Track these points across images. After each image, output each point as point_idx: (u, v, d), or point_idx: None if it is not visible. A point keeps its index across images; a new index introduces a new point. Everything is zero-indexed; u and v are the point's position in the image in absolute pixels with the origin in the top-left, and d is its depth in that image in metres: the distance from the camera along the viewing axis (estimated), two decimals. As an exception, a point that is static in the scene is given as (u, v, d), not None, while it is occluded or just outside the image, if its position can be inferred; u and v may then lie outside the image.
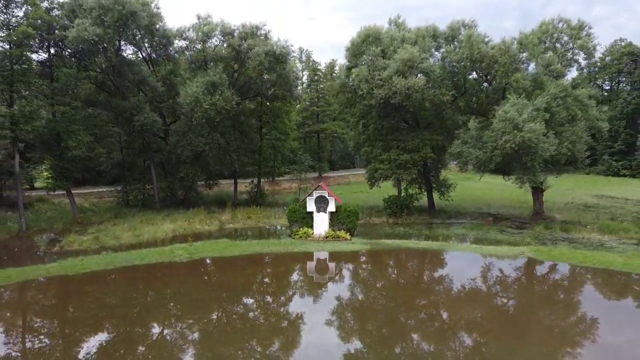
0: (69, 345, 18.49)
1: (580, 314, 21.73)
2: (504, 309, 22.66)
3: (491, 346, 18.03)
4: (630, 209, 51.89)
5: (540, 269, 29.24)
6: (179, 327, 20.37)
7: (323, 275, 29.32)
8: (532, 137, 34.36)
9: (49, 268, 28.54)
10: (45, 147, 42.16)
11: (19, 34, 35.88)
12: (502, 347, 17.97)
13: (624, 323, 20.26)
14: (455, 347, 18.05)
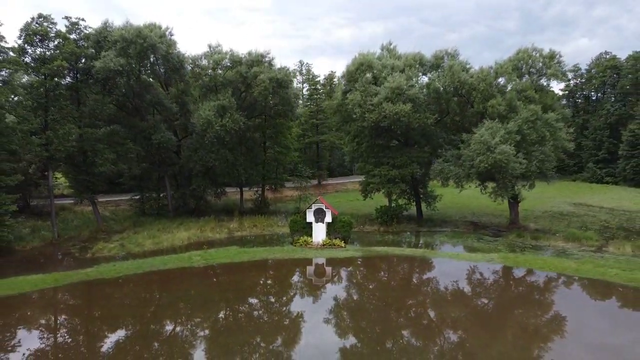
0: (123, 331, 23.64)
1: (529, 309, 26.85)
2: (473, 306, 27.74)
3: (462, 333, 23.17)
4: (601, 217, 56.94)
5: (504, 273, 34.33)
6: (200, 321, 25.54)
7: (321, 279, 34.46)
8: (502, 158, 39.48)
9: (88, 272, 33.68)
10: (72, 163, 47.26)
11: (54, 67, 40.98)
12: (470, 334, 23.12)
13: (561, 316, 25.43)
14: (431, 335, 23.20)
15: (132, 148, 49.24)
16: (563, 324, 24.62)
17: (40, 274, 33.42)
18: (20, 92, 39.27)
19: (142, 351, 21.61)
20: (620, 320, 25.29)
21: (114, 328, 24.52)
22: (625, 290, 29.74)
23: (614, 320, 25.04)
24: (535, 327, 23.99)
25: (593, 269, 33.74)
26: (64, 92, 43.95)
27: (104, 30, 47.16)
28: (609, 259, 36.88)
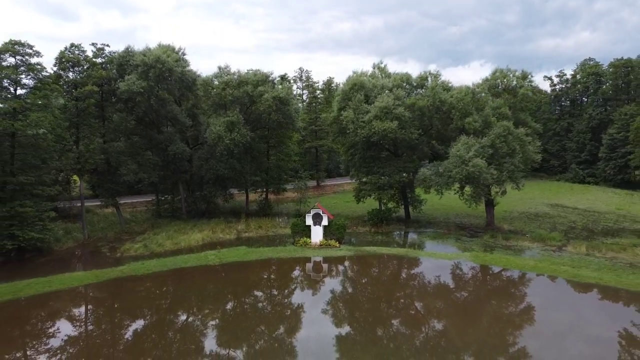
0: (157, 316, 30.02)
1: (486, 300, 33.22)
2: (443, 297, 34.08)
3: (433, 317, 29.54)
4: (571, 218, 63.22)
5: (472, 270, 40.63)
6: (216, 311, 31.94)
7: (318, 274, 40.87)
8: (475, 170, 45.70)
9: (122, 270, 40.01)
10: (99, 173, 53.53)
11: (86, 91, 47.16)
12: (439, 317, 29.49)
13: (512, 305, 31.85)
14: (407, 318, 29.56)
15: (151, 158, 55.41)
16: (513, 311, 31.02)
17: (81, 271, 39.81)
18: (57, 114, 45.33)
19: (172, 331, 27.99)
20: (558, 307, 31.63)
21: (150, 315, 30.91)
22: (568, 284, 36.06)
23: (553, 307, 31.42)
24: (491, 313, 30.36)
25: (547, 266, 40.11)
26: (92, 111, 50.10)
27: (127, 54, 53.32)
28: (564, 258, 43.26)
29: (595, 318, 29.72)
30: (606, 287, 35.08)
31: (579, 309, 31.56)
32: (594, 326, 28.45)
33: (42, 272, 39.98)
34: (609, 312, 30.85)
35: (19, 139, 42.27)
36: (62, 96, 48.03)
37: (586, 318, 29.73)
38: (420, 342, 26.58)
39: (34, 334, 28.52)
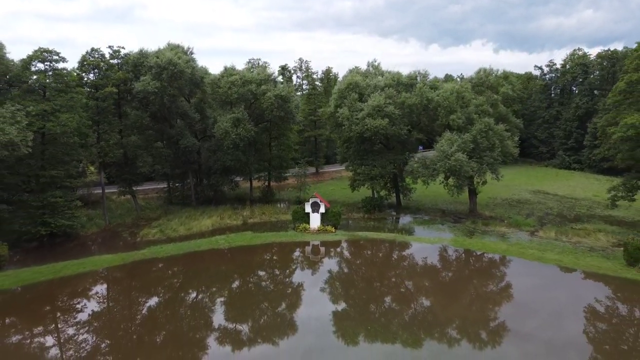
0: (176, 293, 35.76)
1: (460, 279, 38.94)
2: (425, 275, 39.77)
3: (415, 291, 35.26)
4: (550, 205, 68.79)
5: (452, 253, 46.25)
6: (226, 289, 37.67)
7: (316, 256, 46.51)
8: (457, 164, 51.03)
9: (144, 253, 45.61)
10: (118, 165, 58.86)
11: (107, 93, 52.20)
12: (420, 292, 35.22)
13: (483, 283, 37.58)
14: (393, 292, 35.28)
15: (163, 151, 60.68)
16: (482, 288, 36.77)
17: (109, 254, 45.42)
18: (81, 113, 50.40)
19: (191, 304, 33.75)
20: (518, 284, 37.33)
21: (171, 291, 36.67)
22: (532, 265, 41.72)
23: (515, 285, 37.15)
24: (465, 289, 36.11)
25: (517, 250, 45.75)
26: (111, 109, 55.21)
27: (141, 56, 58.15)
28: (533, 242, 48.90)
29: (548, 293, 35.41)
30: (564, 267, 40.78)
31: (536, 285, 37.25)
32: (546, 299, 34.13)
33: (72, 255, 45.61)
34: (562, 289, 36.56)
35: (49, 137, 47.41)
36: (85, 97, 52.93)
37: (540, 293, 35.44)
38: (403, 313, 32.33)
39: (78, 306, 34.29)
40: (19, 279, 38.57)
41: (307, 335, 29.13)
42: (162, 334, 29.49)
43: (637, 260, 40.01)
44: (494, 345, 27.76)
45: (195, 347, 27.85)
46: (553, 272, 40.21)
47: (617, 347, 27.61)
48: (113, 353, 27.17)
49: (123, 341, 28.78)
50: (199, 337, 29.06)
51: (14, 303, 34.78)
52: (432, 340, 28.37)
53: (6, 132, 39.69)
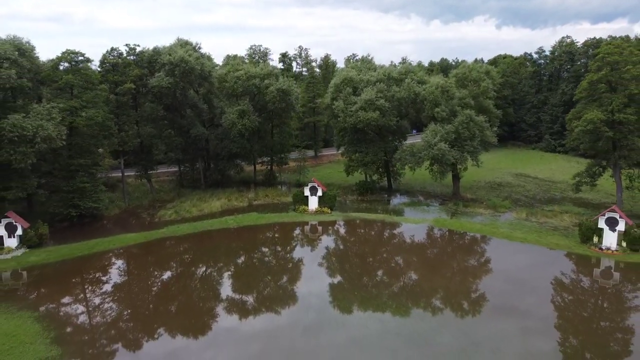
0: (193, 268, 42.53)
1: (442, 255, 45.69)
2: (409, 252, 46.48)
3: (399, 264, 42.03)
4: (528, 188, 75.27)
5: (434, 232, 52.88)
6: (235, 263, 44.46)
7: (314, 234, 53.16)
8: (439, 153, 57.31)
9: (163, 232, 52.25)
10: (135, 153, 65.14)
11: (125, 89, 58.16)
12: (404, 265, 41.99)
13: (457, 257, 44.37)
14: (380, 265, 42.05)
15: (175, 139, 66.91)
16: (455, 260, 43.58)
17: (133, 233, 52.01)
18: (103, 108, 56.34)
19: (207, 275, 40.55)
20: (486, 257, 44.09)
21: (189, 264, 43.45)
22: (499, 242, 48.40)
23: (483, 258, 43.93)
24: (441, 262, 42.92)
25: (490, 229, 52.38)
26: (129, 103, 61.25)
27: (155, 54, 63.93)
28: (505, 222, 55.50)
29: (508, 266, 42.17)
30: (527, 244, 47.45)
31: (499, 259, 44.03)
32: (506, 271, 40.91)
33: (98, 234, 52.23)
34: (523, 262, 43.30)
35: (77, 129, 53.52)
36: (107, 93, 58.85)
37: (501, 265, 42.23)
38: (390, 282, 39.13)
39: (111, 277, 41.12)
40: (60, 254, 45.28)
41: (306, 304, 35.75)
42: (183, 299, 36.38)
43: (589, 238, 46.66)
44: (461, 306, 34.60)
45: (220, 306, 34.73)
46: (516, 248, 46.90)
47: (559, 303, 34.43)
48: (148, 313, 34.07)
49: (152, 304, 35.66)
50: (217, 302, 35.94)
51: (59, 273, 41.50)
52: (415, 304, 35.21)
53: (45, 128, 45.88)
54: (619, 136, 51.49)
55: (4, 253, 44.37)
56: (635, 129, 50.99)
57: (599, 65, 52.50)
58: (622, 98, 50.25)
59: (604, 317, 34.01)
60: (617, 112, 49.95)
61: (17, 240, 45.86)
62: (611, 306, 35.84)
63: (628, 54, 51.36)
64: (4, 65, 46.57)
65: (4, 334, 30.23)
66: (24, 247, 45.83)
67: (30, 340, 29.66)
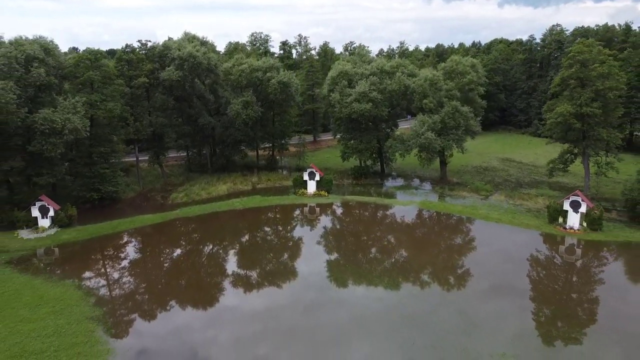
0: (206, 245, 48.70)
1: (428, 233, 51.84)
2: (397, 231, 52.60)
3: (389, 241, 48.21)
4: (511, 172, 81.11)
5: (420, 213, 58.94)
6: (241, 241, 50.63)
7: (313, 215, 59.23)
8: (426, 141, 63.02)
9: (177, 213, 58.29)
10: (148, 141, 70.83)
11: (140, 83, 63.56)
12: (392, 242, 48.18)
13: (442, 235, 50.55)
14: (373, 243, 48.20)
15: (184, 128, 72.56)
16: (436, 237, 49.77)
17: (150, 214, 58.04)
18: (120, 100, 61.80)
19: (216, 250, 46.78)
20: (464, 235, 50.21)
21: (203, 241, 49.61)
22: (477, 222, 54.50)
23: (461, 235, 50.06)
24: (425, 239, 49.09)
25: (470, 211, 58.40)
26: (142, 95, 66.74)
27: (165, 48, 69.18)
28: (485, 204, 61.50)
29: (483, 243, 48.33)
30: (501, 224, 53.54)
31: (474, 236, 50.23)
32: (482, 247, 47.10)
33: (117, 215, 58.19)
34: (496, 240, 49.45)
35: (97, 121, 59.07)
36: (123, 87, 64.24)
37: (477, 243, 48.41)
38: (382, 257, 45.34)
39: (135, 253, 47.31)
40: (88, 232, 51.38)
41: (306, 278, 41.95)
42: (199, 271, 42.65)
43: (555, 218, 52.72)
44: (443, 278, 40.84)
45: (233, 271, 41.00)
46: (491, 227, 53.02)
47: (528, 274, 40.65)
48: (171, 282, 40.37)
49: (173, 274, 41.95)
50: (232, 267, 42.21)
51: (90, 249, 47.66)
52: (403, 277, 41.44)
53: (71, 121, 51.55)
54: (587, 127, 57.11)
55: (39, 232, 50.44)
56: (601, 121, 56.59)
57: (570, 62, 57.79)
58: (589, 93, 55.67)
59: (568, 286, 40.41)
60: (585, 105, 55.43)
61: (50, 221, 51.84)
62: (573, 277, 42.26)
63: (596, 52, 56.62)
64: (33, 65, 52.01)
65: (54, 299, 36.48)
66: (56, 227, 51.83)
67: (76, 303, 35.92)
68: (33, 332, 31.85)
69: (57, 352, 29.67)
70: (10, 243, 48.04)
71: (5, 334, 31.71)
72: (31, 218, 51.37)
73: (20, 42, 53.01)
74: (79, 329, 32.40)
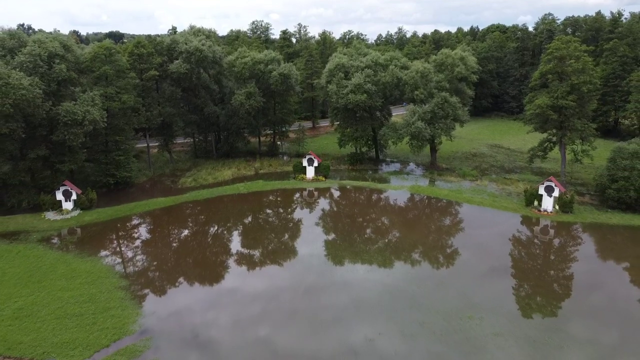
0: (214, 225, 54.22)
1: (416, 215, 57.34)
2: (388, 212, 58.05)
3: (381, 223, 53.72)
4: (498, 158, 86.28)
5: (409, 197, 64.29)
6: (246, 222, 56.14)
7: (311, 198, 64.64)
8: (416, 130, 68.09)
9: (187, 196, 63.62)
10: (157, 129, 75.92)
11: (150, 76, 68.41)
12: (383, 222, 53.70)
13: (427, 216, 56.07)
14: (368, 224, 53.74)
15: (191, 117, 77.59)
16: (423, 218, 55.29)
17: (162, 197, 63.40)
18: (133, 92, 66.62)
19: (220, 231, 52.34)
20: (449, 216, 55.69)
21: (213, 222, 55.13)
22: (461, 205, 59.93)
23: (447, 217, 55.58)
24: (413, 220, 54.61)
25: (455, 194, 63.76)
26: (153, 87, 71.64)
27: (173, 42, 73.85)
28: (469, 189, 66.84)
29: (466, 223, 53.85)
30: (483, 207, 58.95)
31: (457, 217, 55.74)
32: (464, 227, 52.61)
33: (131, 198, 63.47)
34: (477, 220, 54.93)
35: (112, 112, 64.01)
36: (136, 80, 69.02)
37: (460, 223, 53.93)
38: (375, 236, 50.87)
39: (151, 233, 52.82)
40: (107, 214, 56.82)
41: (305, 256, 47.46)
42: (212, 248, 48.24)
43: (531, 202, 58.09)
44: (431, 254, 46.42)
45: (240, 242, 46.59)
46: (473, 209, 58.49)
47: (506, 251, 46.19)
48: (187, 257, 46.00)
49: (188, 250, 47.54)
50: (238, 240, 47.79)
51: (111, 229, 53.19)
52: (395, 255, 47.00)
53: (91, 113, 56.57)
54: (563, 118, 62.07)
55: (64, 214, 55.86)
56: (576, 113, 61.52)
57: (549, 58, 62.53)
58: (565, 87, 60.49)
59: (543, 262, 46.04)
60: (561, 98, 60.32)
61: (72, 204, 57.21)
62: (547, 254, 47.90)
63: (573, 49, 61.30)
64: (55, 61, 56.83)
65: (85, 272, 42.08)
66: (78, 209, 57.21)
67: (105, 275, 41.54)
68: (71, 299, 37.48)
69: (94, 315, 35.32)
70: (39, 224, 53.52)
71: (49, 300, 37.36)
72: (56, 201, 56.75)
73: (42, 40, 57.60)
74: (110, 296, 38.05)
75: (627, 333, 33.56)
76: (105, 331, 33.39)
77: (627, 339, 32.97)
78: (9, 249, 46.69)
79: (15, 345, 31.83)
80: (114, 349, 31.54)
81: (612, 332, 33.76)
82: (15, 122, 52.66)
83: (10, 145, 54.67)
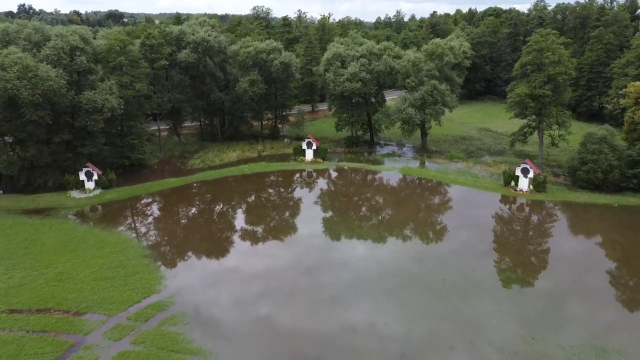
0: (221, 204, 60.50)
1: (406, 195, 63.56)
2: (381, 191, 64.25)
3: (375, 201, 59.98)
4: (485, 141, 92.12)
5: (400, 177, 70.33)
6: (250, 200, 62.39)
7: (310, 179, 70.77)
8: (407, 116, 73.81)
9: (196, 177, 69.70)
10: (167, 114, 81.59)
11: (161, 65, 73.83)
12: (377, 202, 59.99)
13: (417, 195, 62.32)
14: (362, 203, 59.97)
15: (199, 103, 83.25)
16: (412, 197, 61.59)
17: (174, 178, 69.41)
18: (145, 81, 72.06)
19: (228, 208, 58.64)
20: (434, 195, 61.95)
21: (219, 200, 61.38)
22: (445, 185, 66.08)
23: (432, 195, 61.88)
24: (403, 199, 60.85)
25: (441, 175, 69.85)
26: (163, 75, 77.13)
27: (181, 33, 79.06)
28: (455, 170, 72.88)
29: (449, 202, 60.09)
30: (465, 187, 65.08)
31: (444, 196, 61.99)
32: (446, 205, 58.88)
33: (145, 179, 69.43)
34: (459, 199, 61.14)
35: (127, 99, 69.56)
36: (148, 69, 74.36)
37: (444, 201, 60.18)
38: (368, 213, 57.15)
39: (167, 210, 59.09)
40: (126, 193, 62.98)
41: (305, 232, 53.75)
42: (217, 224, 54.62)
43: (509, 182, 64.20)
44: (419, 230, 52.74)
45: (250, 228, 52.92)
46: (456, 189, 64.70)
47: (486, 226, 52.49)
48: (201, 229, 52.34)
49: (201, 224, 53.88)
50: (248, 216, 54.12)
51: (131, 206, 59.46)
52: (387, 230, 53.33)
53: (109, 101, 62.25)
54: (540, 106, 67.77)
55: (87, 192, 62.00)
56: (552, 101, 67.20)
57: (529, 50, 67.94)
58: (543, 77, 66.03)
59: (520, 237, 52.42)
60: (539, 88, 65.93)
61: (94, 184, 63.29)
62: (524, 229, 54.25)
63: (550, 42, 66.64)
64: (76, 54, 62.31)
65: (112, 242, 48.43)
66: (99, 188, 63.32)
67: (130, 246, 47.91)
68: (104, 265, 43.90)
69: (125, 278, 41.77)
70: (65, 201, 59.73)
71: (84, 265, 43.77)
72: (79, 181, 62.86)
73: (64, 34, 62.93)
74: (137, 263, 44.47)
75: (592, 296, 40.20)
76: (136, 290, 39.87)
77: (591, 300, 39.64)
78: (43, 223, 52.99)
79: (63, 301, 38.31)
80: (145, 304, 38.05)
81: (581, 294, 40.38)
82: (43, 110, 58.34)
83: (38, 131, 60.43)
